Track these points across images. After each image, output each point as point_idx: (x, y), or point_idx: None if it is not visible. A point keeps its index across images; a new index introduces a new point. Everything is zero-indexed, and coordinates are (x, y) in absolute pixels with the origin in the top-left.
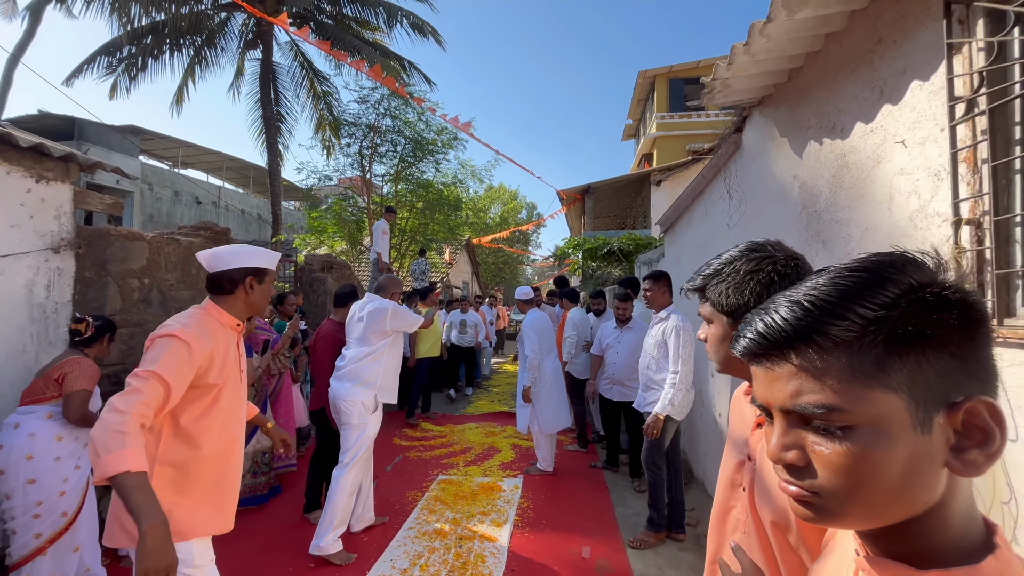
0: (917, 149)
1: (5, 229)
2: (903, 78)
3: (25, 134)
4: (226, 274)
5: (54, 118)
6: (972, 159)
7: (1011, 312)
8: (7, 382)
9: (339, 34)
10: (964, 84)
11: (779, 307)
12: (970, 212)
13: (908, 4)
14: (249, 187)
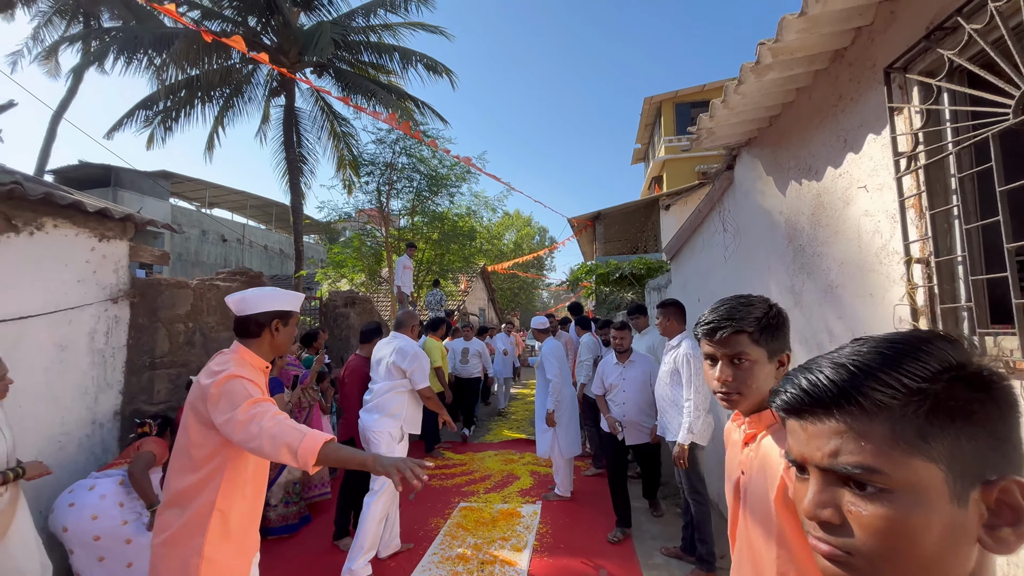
0: (876, 194)
1: (73, 284)
2: (861, 131)
3: (89, 198)
4: (253, 318)
5: (93, 167)
6: (918, 206)
7: None
8: (72, 421)
9: (356, 80)
10: (906, 141)
11: (823, 367)
12: (920, 252)
13: (858, 69)
14: (272, 223)
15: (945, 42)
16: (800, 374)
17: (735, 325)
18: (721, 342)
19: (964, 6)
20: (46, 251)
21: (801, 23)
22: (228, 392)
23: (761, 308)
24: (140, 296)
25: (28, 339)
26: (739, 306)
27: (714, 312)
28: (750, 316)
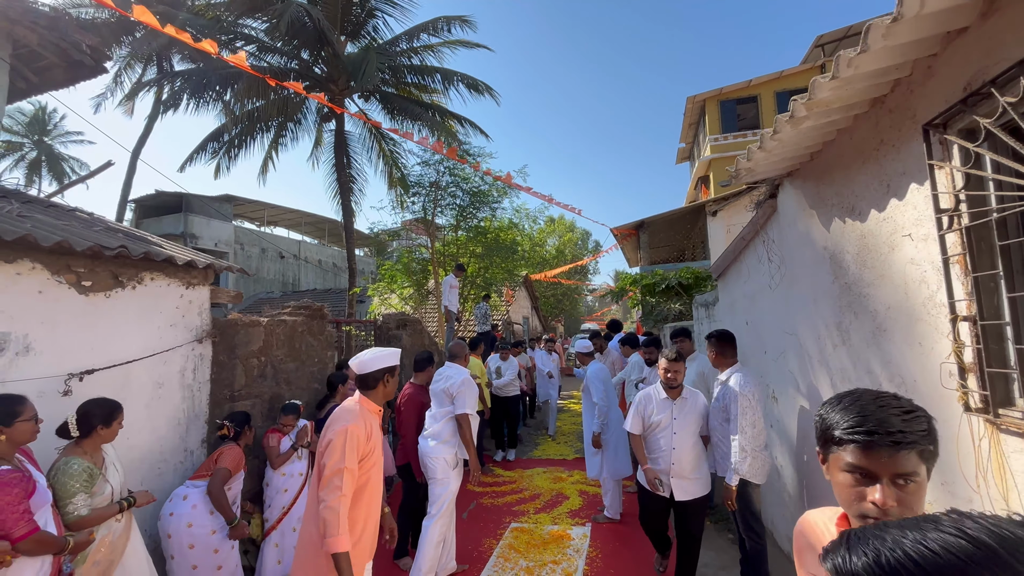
0: (921, 244)
1: (166, 328)
2: (904, 179)
3: (179, 251)
4: (371, 375)
5: (167, 195)
6: (963, 264)
7: (1009, 401)
8: (169, 449)
9: (401, 103)
10: (948, 199)
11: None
12: (967, 311)
13: (898, 117)
14: (325, 238)
15: (981, 106)
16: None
17: (910, 441)
18: (891, 458)
19: (998, 77)
20: (145, 301)
21: (834, 84)
22: (337, 447)
23: (924, 417)
24: (220, 335)
25: (133, 379)
26: (896, 410)
27: (866, 416)
28: (919, 428)
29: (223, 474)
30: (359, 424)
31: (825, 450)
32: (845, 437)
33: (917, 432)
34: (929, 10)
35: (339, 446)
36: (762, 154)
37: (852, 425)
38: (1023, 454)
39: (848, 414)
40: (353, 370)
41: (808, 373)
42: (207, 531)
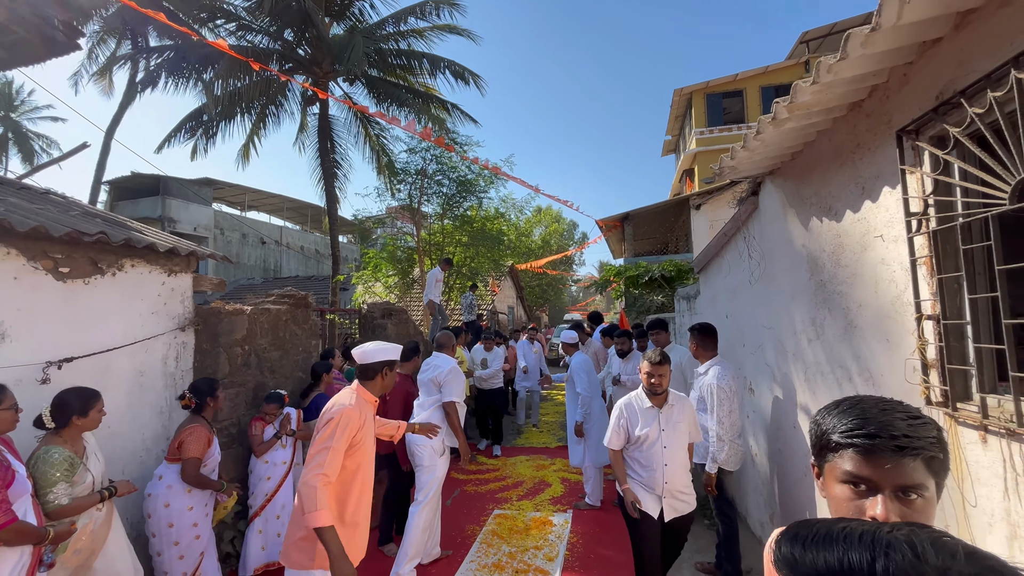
0: (892, 245)
1: (148, 316)
2: (877, 182)
3: (161, 237)
4: (371, 366)
5: (144, 177)
6: (930, 266)
7: (967, 396)
8: (151, 437)
9: (387, 87)
10: (918, 203)
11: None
12: (931, 310)
13: (875, 121)
14: (307, 224)
15: (951, 115)
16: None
17: (917, 447)
18: (894, 466)
19: (968, 88)
20: (125, 288)
21: (815, 88)
22: (330, 427)
23: (933, 425)
24: (203, 323)
25: (114, 368)
26: (902, 415)
27: (868, 420)
28: (927, 435)
29: (192, 464)
30: (355, 409)
31: (820, 460)
32: (843, 441)
33: (925, 439)
34: (906, 21)
35: (332, 426)
36: (745, 153)
37: (851, 428)
38: (977, 445)
39: (847, 417)
40: (355, 358)
41: (784, 366)
42: (184, 508)
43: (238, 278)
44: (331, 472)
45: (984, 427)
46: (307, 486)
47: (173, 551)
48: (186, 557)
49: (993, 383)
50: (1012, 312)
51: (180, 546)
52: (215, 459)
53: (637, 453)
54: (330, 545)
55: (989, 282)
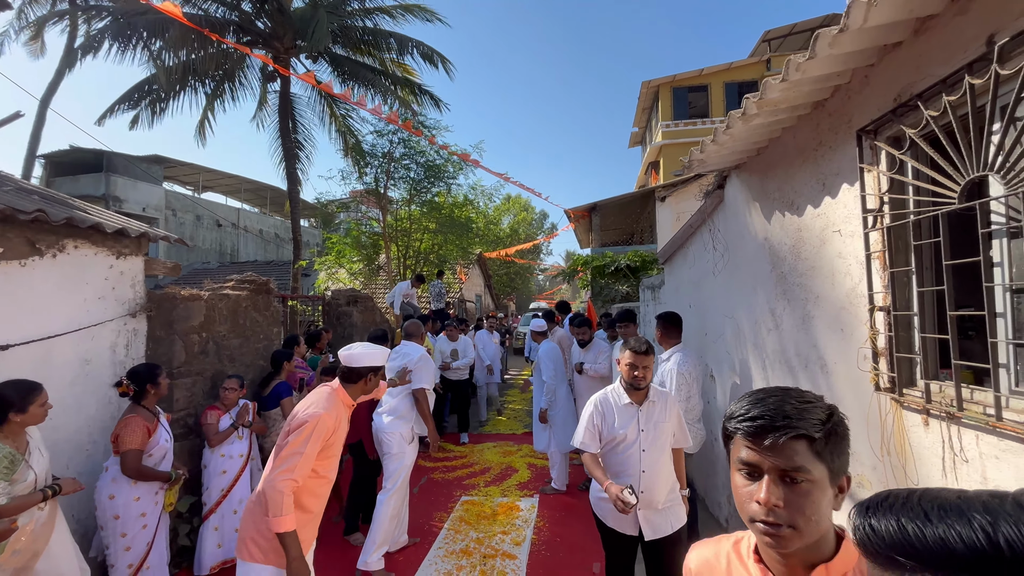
0: (849, 240)
1: (94, 301)
2: (838, 178)
3: (108, 217)
4: (356, 370)
5: (84, 152)
6: (883, 260)
7: (912, 382)
8: (98, 429)
9: (353, 67)
10: (874, 200)
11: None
12: (882, 302)
13: (836, 120)
14: (266, 207)
15: (908, 117)
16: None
17: (794, 427)
18: (772, 448)
19: (924, 91)
20: (68, 271)
21: (783, 85)
22: (304, 432)
23: (823, 409)
24: (156, 309)
25: (56, 356)
26: (793, 400)
27: (759, 404)
28: (811, 417)
29: (131, 456)
30: (331, 414)
31: (727, 449)
32: (734, 427)
33: (809, 420)
34: (871, 24)
35: (307, 431)
36: (714, 147)
37: (741, 414)
38: (920, 428)
39: (742, 404)
40: (341, 360)
41: (744, 354)
42: (130, 499)
43: (192, 262)
44: (300, 478)
45: (927, 411)
46: (275, 490)
47: (120, 543)
48: (132, 548)
49: (936, 370)
50: (956, 305)
51: (127, 538)
52: (162, 448)
53: (611, 457)
54: (290, 549)
55: (936, 276)
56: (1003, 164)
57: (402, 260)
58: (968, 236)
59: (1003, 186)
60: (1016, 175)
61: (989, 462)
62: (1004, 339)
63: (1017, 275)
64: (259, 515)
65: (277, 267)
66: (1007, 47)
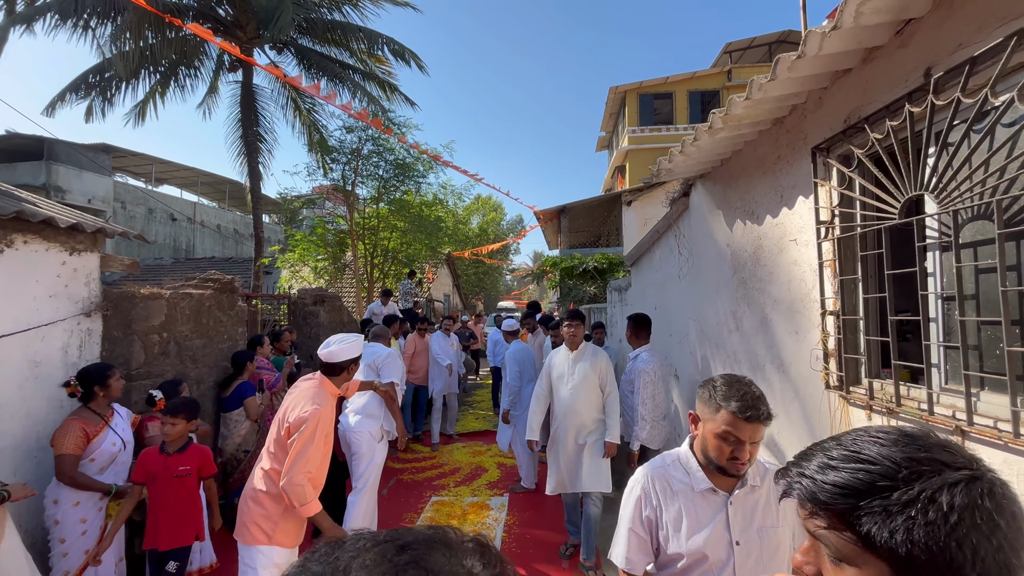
0: (804, 248)
1: (44, 300)
2: (794, 191)
3: (61, 211)
4: (338, 364)
5: (23, 138)
6: (834, 268)
7: (858, 380)
8: (47, 435)
9: (320, 60)
10: (826, 212)
11: None
12: (833, 306)
13: (794, 137)
14: (225, 201)
15: (856, 138)
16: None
17: (769, 416)
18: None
19: (871, 115)
20: (16, 268)
21: (747, 103)
22: (308, 429)
23: None
24: (113, 308)
25: (3, 357)
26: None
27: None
28: (770, 409)
29: (67, 462)
30: (327, 408)
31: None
32: (733, 411)
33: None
34: (825, 52)
35: (310, 428)
36: (682, 157)
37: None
38: (864, 421)
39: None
40: (320, 357)
41: (706, 354)
42: (69, 504)
43: (144, 257)
44: (312, 468)
45: (870, 407)
46: (295, 484)
47: (58, 548)
48: (69, 555)
49: (878, 370)
50: (895, 310)
51: (65, 544)
52: (107, 452)
53: None
54: (323, 524)
55: (879, 284)
56: (936, 184)
57: (369, 259)
58: (907, 248)
59: (936, 204)
60: (948, 195)
61: None
62: (936, 342)
63: (947, 284)
64: (264, 502)
65: (237, 264)
66: (941, 79)
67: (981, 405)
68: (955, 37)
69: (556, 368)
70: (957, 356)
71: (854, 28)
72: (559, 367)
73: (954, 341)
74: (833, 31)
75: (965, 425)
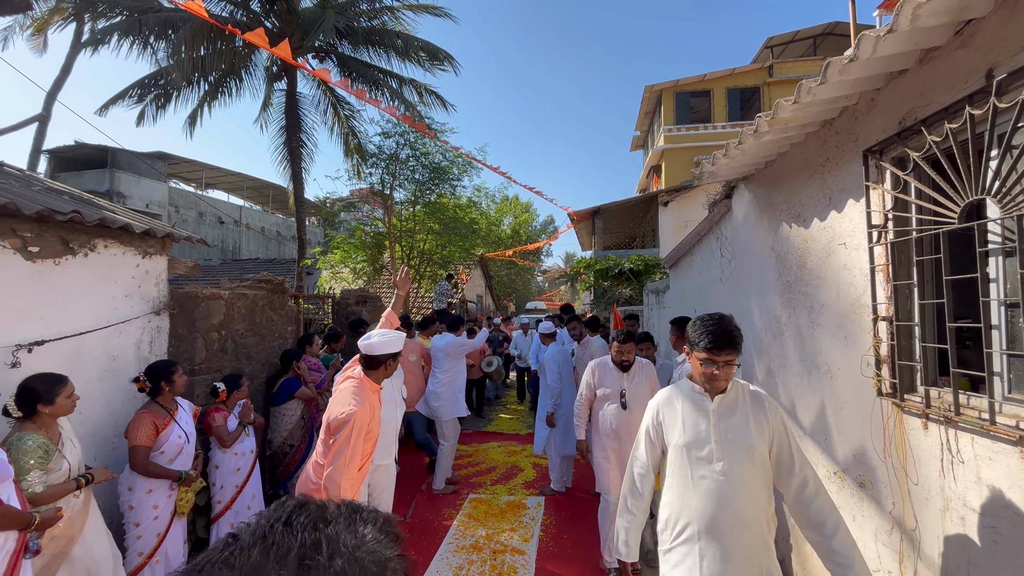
0: (854, 252)
1: (122, 299)
2: (844, 194)
3: (134, 217)
4: (377, 357)
5: (89, 147)
6: (886, 272)
7: (912, 388)
8: (123, 424)
9: (359, 67)
10: (879, 216)
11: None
12: (885, 312)
13: (843, 139)
14: (268, 205)
15: (912, 140)
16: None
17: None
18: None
19: (928, 117)
20: (98, 270)
21: (794, 107)
22: (344, 433)
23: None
24: (179, 307)
25: (86, 351)
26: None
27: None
28: (742, 338)
29: (140, 453)
30: (364, 408)
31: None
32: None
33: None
34: (879, 55)
35: (348, 430)
36: (725, 160)
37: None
38: (919, 431)
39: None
40: (361, 350)
41: (749, 358)
42: (143, 491)
43: (195, 259)
44: (351, 467)
45: (926, 415)
46: (333, 483)
47: (133, 531)
48: (143, 538)
49: (935, 377)
50: (955, 316)
51: (139, 527)
52: (175, 444)
53: None
54: None
55: (936, 290)
56: (999, 189)
57: (406, 260)
58: (967, 253)
59: (999, 209)
60: (1012, 199)
61: (983, 463)
62: (998, 349)
63: (1011, 291)
64: (311, 493)
65: (280, 265)
66: (1005, 81)
67: None
68: (1019, 38)
69: None
70: (1021, 365)
71: (911, 30)
72: None
73: (1018, 349)
74: (888, 34)
75: None
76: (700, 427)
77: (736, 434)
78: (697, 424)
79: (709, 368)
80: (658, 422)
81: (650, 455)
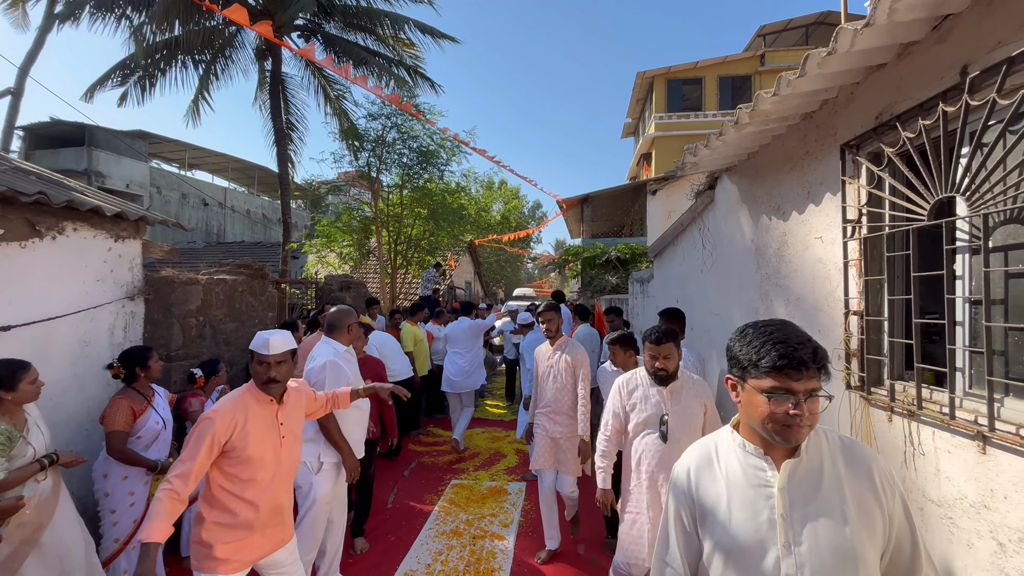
0: (830, 247)
1: (93, 284)
2: (822, 188)
3: (108, 201)
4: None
5: (66, 125)
6: (859, 267)
7: (879, 382)
8: (97, 409)
9: (345, 46)
10: (854, 211)
11: None
12: (856, 307)
13: (823, 132)
14: (254, 187)
15: (887, 136)
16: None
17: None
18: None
19: (903, 113)
20: (68, 253)
21: (774, 99)
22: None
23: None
24: (154, 292)
25: (56, 337)
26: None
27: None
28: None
29: (117, 438)
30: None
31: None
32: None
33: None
34: (858, 48)
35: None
36: (707, 151)
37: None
38: (885, 423)
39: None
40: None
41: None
42: (119, 478)
43: (178, 241)
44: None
45: (891, 408)
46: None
47: (108, 518)
48: (119, 524)
49: (901, 372)
50: (921, 312)
51: (115, 514)
52: (151, 430)
53: None
54: None
55: (905, 285)
56: (968, 186)
57: (393, 245)
58: (935, 250)
59: (968, 207)
60: (980, 197)
61: (943, 456)
62: (962, 346)
63: (976, 288)
64: None
65: (265, 248)
66: (978, 79)
67: (1004, 411)
68: (994, 35)
69: None
70: (982, 361)
71: (888, 24)
72: None
73: (980, 346)
74: (866, 27)
75: (987, 431)
76: (760, 518)
77: (823, 531)
78: (756, 513)
79: (782, 405)
80: (693, 500)
81: (686, 556)
